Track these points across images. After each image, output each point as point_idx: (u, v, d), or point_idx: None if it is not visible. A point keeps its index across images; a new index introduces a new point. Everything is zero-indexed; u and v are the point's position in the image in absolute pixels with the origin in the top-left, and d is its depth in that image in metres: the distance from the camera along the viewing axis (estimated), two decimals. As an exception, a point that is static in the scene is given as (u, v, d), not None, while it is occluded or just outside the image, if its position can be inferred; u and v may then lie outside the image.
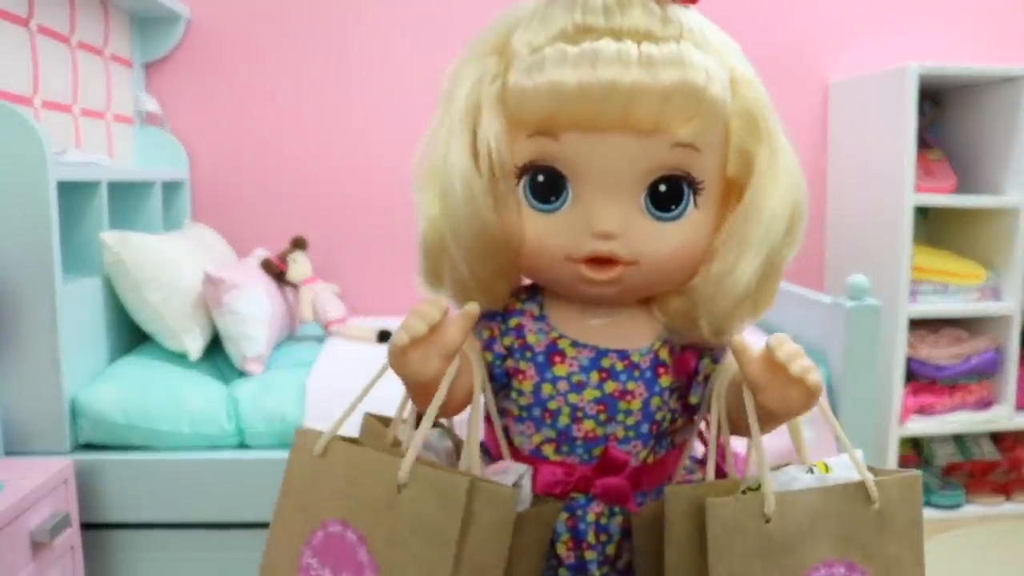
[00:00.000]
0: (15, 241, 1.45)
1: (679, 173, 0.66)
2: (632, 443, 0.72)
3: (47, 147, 1.45)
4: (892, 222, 2.13)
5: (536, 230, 0.68)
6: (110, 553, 1.56)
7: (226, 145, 2.30)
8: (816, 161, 2.48)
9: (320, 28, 2.29)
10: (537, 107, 0.64)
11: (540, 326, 0.73)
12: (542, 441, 0.73)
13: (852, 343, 1.66)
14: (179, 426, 1.56)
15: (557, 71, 0.62)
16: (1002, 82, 2.16)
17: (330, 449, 0.67)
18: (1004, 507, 2.18)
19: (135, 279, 1.68)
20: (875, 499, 0.66)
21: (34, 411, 1.50)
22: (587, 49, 0.62)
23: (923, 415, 2.19)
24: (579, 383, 0.71)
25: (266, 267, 1.96)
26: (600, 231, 0.66)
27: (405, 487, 0.61)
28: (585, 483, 0.72)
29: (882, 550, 0.66)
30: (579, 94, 0.62)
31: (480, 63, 0.69)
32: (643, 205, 0.67)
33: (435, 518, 0.60)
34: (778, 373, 0.63)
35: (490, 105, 0.67)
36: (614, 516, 0.73)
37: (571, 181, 0.67)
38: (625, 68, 0.61)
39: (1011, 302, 2.16)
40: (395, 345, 0.62)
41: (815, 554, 0.64)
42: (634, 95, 0.61)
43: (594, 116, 0.62)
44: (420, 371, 0.63)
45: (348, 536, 0.63)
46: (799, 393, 0.63)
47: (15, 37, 1.62)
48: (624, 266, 0.67)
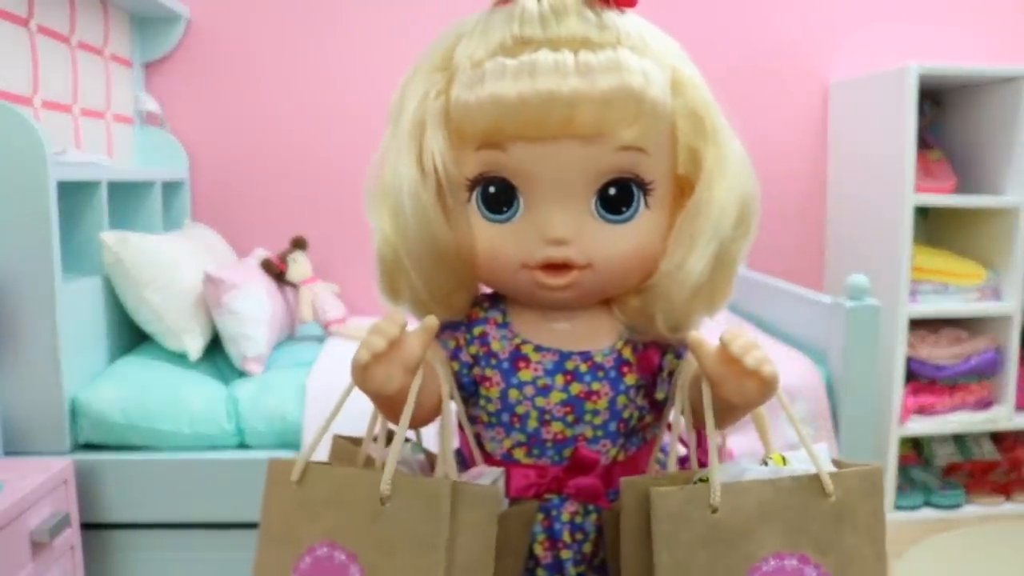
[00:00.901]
0: (15, 241, 1.45)
1: (627, 176, 0.68)
2: (601, 442, 0.73)
3: (47, 147, 1.45)
4: (892, 222, 2.13)
5: (489, 241, 0.69)
6: (110, 553, 1.56)
7: (226, 145, 2.30)
8: (816, 161, 2.48)
9: (320, 28, 2.29)
10: (480, 120, 0.65)
11: (504, 333, 0.74)
12: (512, 445, 0.74)
13: (852, 343, 1.66)
14: (179, 426, 1.56)
15: (497, 84, 0.63)
16: (1002, 82, 2.16)
17: (307, 474, 0.67)
18: (1004, 507, 2.18)
19: (135, 279, 1.68)
20: (830, 492, 0.65)
21: (34, 411, 1.50)
22: (525, 61, 0.63)
23: (923, 415, 2.19)
24: (545, 387, 0.72)
25: (266, 267, 1.96)
26: (552, 237, 0.67)
27: (389, 499, 0.62)
28: (558, 484, 0.73)
29: (839, 543, 0.65)
30: (520, 105, 0.63)
31: (426, 78, 0.70)
32: (594, 209, 0.68)
33: (422, 525, 0.61)
34: (734, 366, 0.64)
35: (434, 120, 0.68)
36: (588, 515, 0.74)
37: (521, 190, 0.68)
38: (563, 77, 0.62)
39: (1011, 302, 2.16)
40: (356, 363, 0.63)
41: (765, 546, 0.63)
42: (574, 102, 0.62)
43: (537, 126, 0.64)
44: (384, 386, 0.64)
45: (337, 556, 0.63)
46: (755, 385, 0.64)
47: (15, 37, 1.62)
48: (579, 270, 0.68)
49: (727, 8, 2.37)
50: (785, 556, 0.64)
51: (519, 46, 0.65)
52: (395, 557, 0.62)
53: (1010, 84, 2.13)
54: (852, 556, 0.65)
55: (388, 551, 0.62)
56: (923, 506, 2.18)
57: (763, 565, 0.63)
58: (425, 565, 0.61)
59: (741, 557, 0.63)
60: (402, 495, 0.62)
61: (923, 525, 2.10)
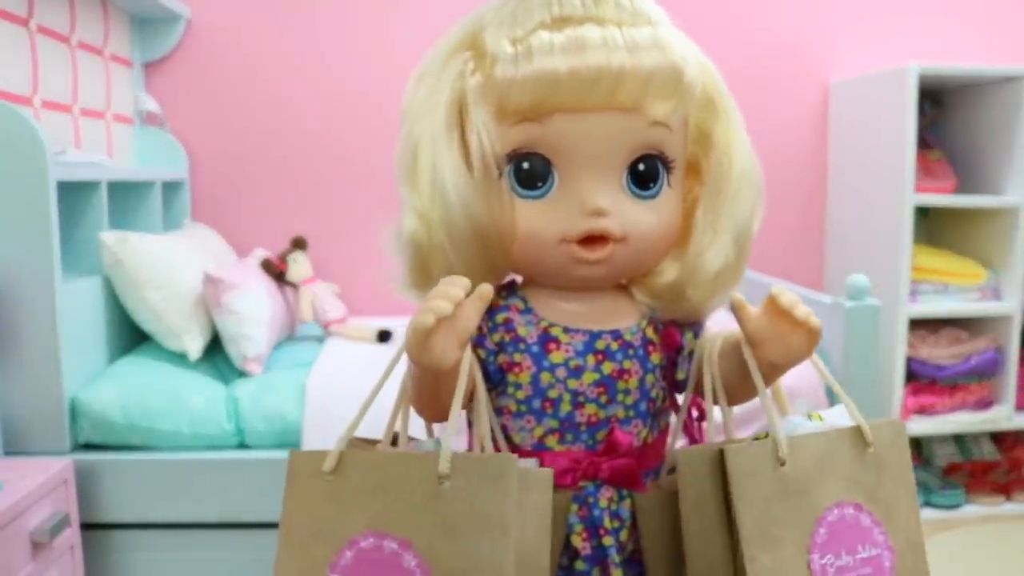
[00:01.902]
0: (15, 241, 1.45)
1: (654, 152, 0.70)
2: (633, 423, 0.74)
3: (47, 147, 1.44)
4: (892, 222, 2.13)
5: (529, 217, 0.69)
6: (110, 553, 1.56)
7: (226, 145, 2.30)
8: (816, 161, 2.48)
9: (320, 28, 2.29)
10: (527, 95, 0.65)
11: (528, 318, 0.74)
12: (544, 433, 0.73)
13: (852, 343, 1.66)
14: (179, 426, 1.56)
15: (547, 59, 0.64)
16: (1002, 82, 2.16)
17: (343, 463, 0.63)
18: (1004, 507, 2.18)
19: (135, 279, 1.68)
20: (871, 442, 0.70)
21: (34, 411, 1.50)
22: (573, 36, 0.64)
23: (923, 415, 2.19)
24: (577, 368, 0.72)
25: (266, 267, 1.96)
26: (594, 208, 0.68)
27: (447, 478, 0.60)
28: (594, 469, 0.72)
29: (882, 491, 0.69)
30: (570, 79, 0.64)
31: (453, 62, 0.70)
32: (624, 184, 0.70)
33: (487, 504, 0.59)
34: (780, 322, 0.67)
35: (475, 99, 0.68)
36: (623, 500, 0.73)
37: (556, 164, 0.68)
38: (612, 52, 0.64)
39: (1011, 302, 2.16)
40: (419, 329, 0.58)
41: (828, 496, 0.67)
42: (621, 77, 0.64)
43: (582, 98, 0.65)
44: (440, 358, 0.60)
45: (387, 544, 0.61)
46: (801, 338, 0.67)
47: (15, 37, 1.62)
48: (614, 244, 0.69)
49: (727, 8, 2.37)
50: (845, 505, 0.68)
51: (561, 23, 0.66)
52: (457, 539, 0.59)
53: (1010, 84, 2.13)
54: (893, 502, 0.70)
55: (448, 533, 0.59)
56: (923, 506, 2.18)
57: (828, 515, 0.67)
58: (493, 545, 0.59)
59: (809, 507, 0.66)
60: (463, 473, 0.60)
61: (923, 525, 2.09)
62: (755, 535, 0.64)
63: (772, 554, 0.64)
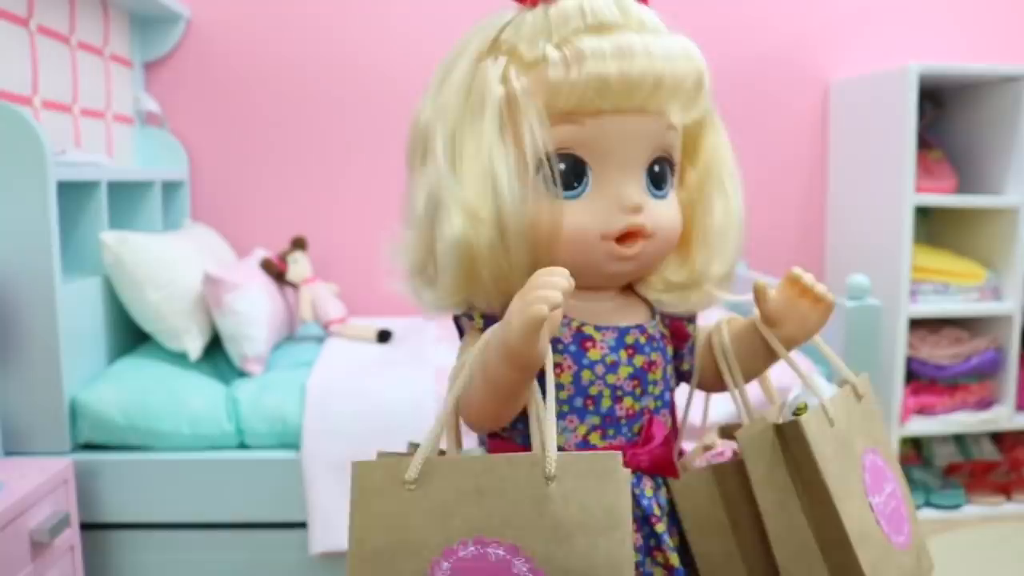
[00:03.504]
0: (15, 241, 1.45)
1: (666, 154, 0.74)
2: (662, 412, 0.78)
3: (47, 147, 1.44)
4: (892, 222, 2.13)
5: (571, 216, 0.71)
6: (110, 553, 1.56)
7: (226, 145, 2.30)
8: (816, 161, 2.48)
9: (320, 28, 2.29)
10: (575, 96, 0.68)
11: None
12: (588, 431, 0.75)
13: (852, 343, 1.66)
14: (179, 426, 1.56)
15: (599, 63, 0.67)
16: (1002, 82, 2.16)
17: (427, 471, 0.60)
18: (1005, 507, 2.17)
19: (135, 279, 1.68)
20: (862, 394, 0.82)
21: (34, 411, 1.50)
22: (622, 41, 0.68)
23: (923, 415, 2.19)
24: (613, 363, 0.75)
25: (266, 267, 1.96)
26: (633, 204, 0.71)
27: (553, 479, 0.58)
28: (635, 460, 0.75)
29: (878, 434, 0.82)
30: (619, 83, 0.67)
31: (486, 67, 0.71)
32: (644, 184, 0.74)
33: (600, 500, 0.59)
34: (800, 300, 0.78)
35: (525, 101, 0.69)
36: (659, 488, 0.77)
37: (591, 165, 0.71)
38: (654, 59, 0.68)
39: (1011, 302, 2.15)
40: (534, 319, 0.57)
41: (860, 445, 0.78)
42: (659, 82, 0.69)
43: (625, 102, 0.69)
44: (544, 352, 0.61)
45: (491, 552, 0.59)
46: (819, 313, 0.78)
47: (15, 37, 1.62)
48: (644, 239, 0.73)
49: (727, 8, 2.37)
50: (868, 451, 0.79)
51: (598, 29, 0.69)
52: (570, 540, 0.58)
53: (1010, 84, 2.13)
54: (885, 443, 0.83)
55: (560, 535, 0.58)
56: (923, 506, 2.17)
57: (865, 461, 0.78)
58: (609, 544, 0.58)
59: (855, 457, 0.77)
60: (568, 472, 0.59)
61: (923, 525, 2.08)
62: (839, 490, 0.72)
63: (853, 503, 0.73)
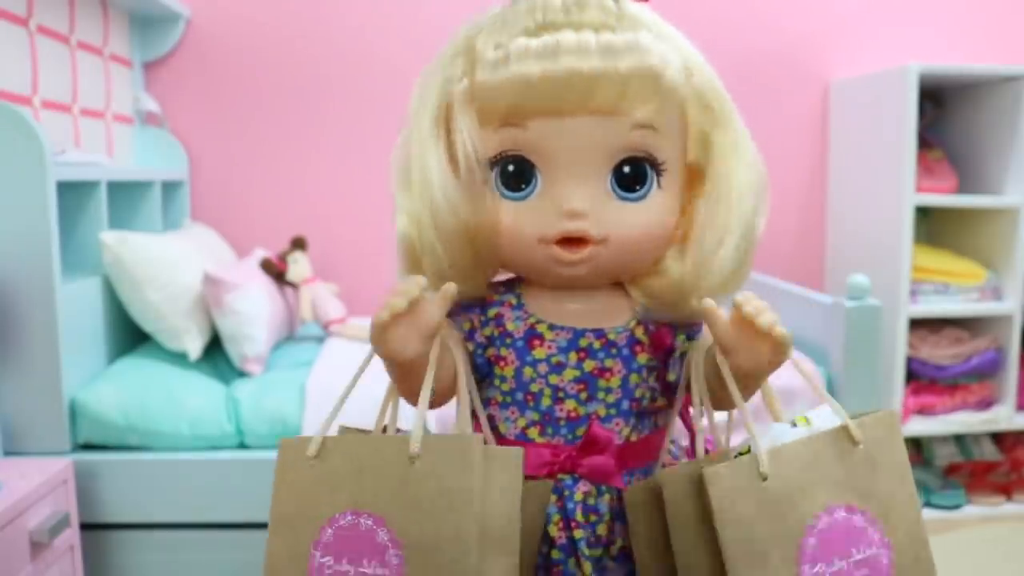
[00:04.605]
0: (15, 241, 1.45)
1: (641, 154, 0.70)
2: (614, 420, 0.75)
3: (47, 147, 1.44)
4: (892, 222, 2.12)
5: (511, 217, 0.71)
6: (109, 553, 1.56)
7: (226, 145, 2.30)
8: (816, 161, 2.48)
9: (320, 27, 2.29)
10: (504, 99, 0.68)
11: (519, 314, 0.77)
12: (527, 424, 0.75)
13: (852, 343, 1.66)
14: (179, 426, 1.56)
15: (522, 64, 0.67)
16: (1002, 82, 2.16)
17: (325, 448, 0.68)
18: (1005, 507, 2.17)
19: (135, 279, 1.68)
20: (859, 440, 0.68)
21: (34, 411, 1.50)
22: (548, 41, 0.66)
23: (924, 415, 2.19)
24: (558, 364, 0.74)
25: (266, 267, 1.96)
26: (569, 210, 0.69)
27: (418, 458, 0.63)
28: (571, 463, 0.74)
29: (876, 488, 0.68)
30: (543, 83, 0.66)
31: (445, 68, 0.73)
32: (609, 186, 0.71)
33: (454, 480, 0.63)
34: (747, 330, 0.66)
35: (460, 103, 0.71)
36: (602, 495, 0.75)
37: (539, 167, 0.70)
38: (585, 57, 0.66)
39: (1011, 302, 2.15)
40: (376, 323, 0.64)
41: (816, 502, 0.66)
42: (595, 81, 0.66)
43: (558, 103, 0.67)
44: (400, 350, 0.65)
45: (363, 522, 0.65)
46: (768, 347, 0.66)
47: (14, 37, 1.62)
48: (594, 245, 0.70)
49: (727, 8, 2.37)
50: (835, 508, 0.66)
51: (542, 29, 0.68)
52: (426, 515, 0.63)
53: (1010, 84, 2.13)
54: (890, 499, 0.68)
55: (418, 509, 0.63)
56: (924, 506, 2.17)
57: (818, 522, 0.66)
58: (459, 518, 0.62)
59: (797, 518, 0.65)
60: (431, 453, 0.64)
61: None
62: (740, 555, 0.64)
63: (759, 571, 0.63)
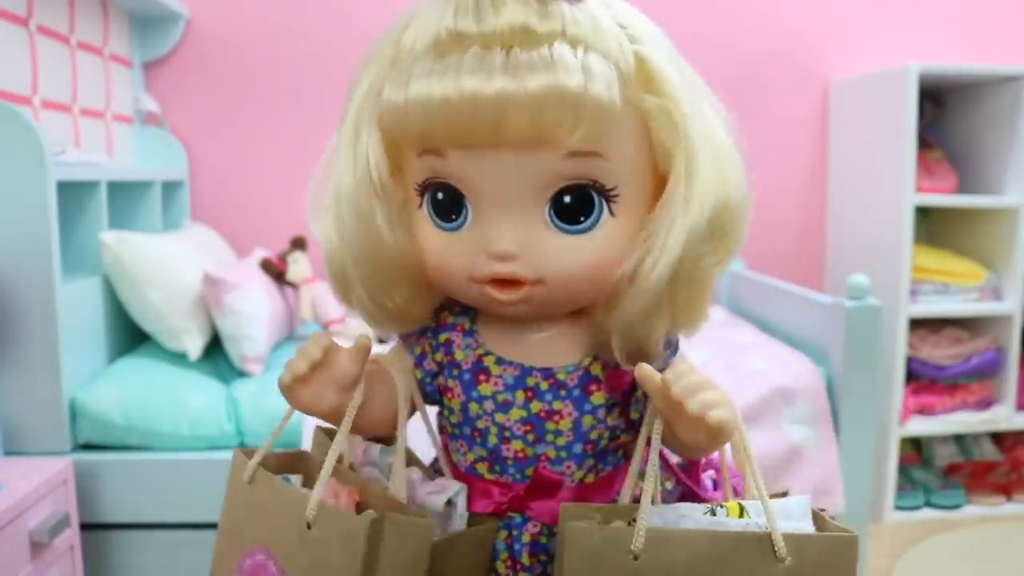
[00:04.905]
0: (15, 241, 1.45)
1: (584, 182, 0.60)
2: (565, 463, 0.68)
3: (47, 147, 1.44)
4: (892, 222, 2.13)
5: (437, 250, 0.64)
6: (109, 553, 1.56)
7: (226, 145, 2.30)
8: (816, 161, 2.48)
9: (320, 27, 2.29)
10: (411, 124, 0.59)
11: (469, 342, 0.70)
12: (475, 459, 0.70)
13: (852, 343, 1.66)
14: (179, 426, 1.56)
15: (422, 84, 0.57)
16: (1002, 82, 2.16)
17: (257, 477, 0.66)
18: (1005, 507, 2.18)
19: (135, 279, 1.68)
20: (783, 556, 0.56)
21: (34, 411, 1.50)
22: (451, 61, 0.56)
23: (924, 415, 2.19)
24: (505, 402, 0.67)
25: (266, 267, 1.96)
26: (495, 252, 0.61)
27: (314, 525, 0.60)
28: (519, 503, 0.69)
29: None
30: (444, 108, 0.56)
31: (370, 74, 0.64)
32: (548, 219, 0.61)
33: (339, 559, 0.59)
34: (679, 411, 0.57)
35: (369, 120, 0.63)
36: (552, 536, 0.69)
37: (468, 199, 0.62)
38: (488, 78, 0.55)
39: (1011, 302, 2.15)
40: (280, 384, 0.63)
41: None
42: (501, 105, 0.55)
43: (466, 131, 0.57)
44: (312, 405, 0.64)
45: (270, 567, 0.63)
46: (704, 432, 0.57)
47: (14, 37, 1.62)
48: (530, 285, 0.62)
49: (727, 8, 2.37)
50: None
51: (451, 42, 0.57)
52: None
53: (1010, 84, 2.13)
54: None
55: (311, 574, 0.61)
56: (923, 506, 2.18)
57: None
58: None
59: None
60: (324, 524, 0.60)
61: (923, 525, 2.10)
62: None
63: None
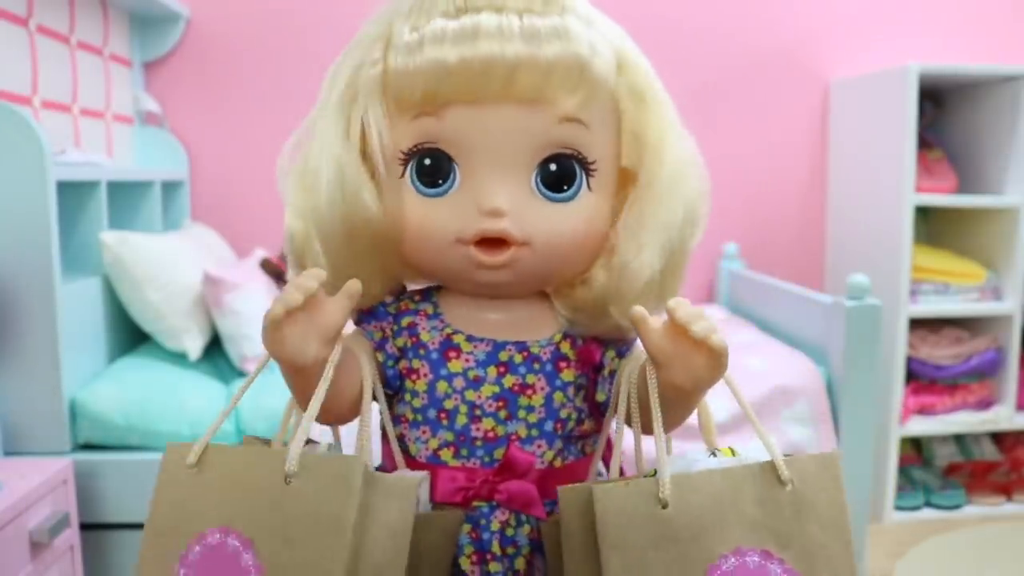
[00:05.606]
0: (15, 241, 1.45)
1: (569, 151, 0.64)
2: (536, 443, 0.68)
3: (47, 147, 1.44)
4: (892, 222, 2.13)
5: (421, 215, 0.65)
6: (109, 553, 1.56)
7: (226, 145, 2.30)
8: (816, 161, 2.48)
9: (320, 27, 2.29)
10: (419, 86, 0.62)
11: (434, 324, 0.70)
12: (439, 446, 0.68)
13: (852, 343, 1.66)
14: (178, 426, 1.56)
15: (437, 48, 0.61)
16: (1002, 82, 2.16)
17: (205, 458, 0.62)
18: (1005, 507, 2.18)
19: (135, 279, 1.68)
20: (787, 479, 0.60)
21: (34, 411, 1.50)
22: (467, 23, 0.61)
23: (924, 415, 2.19)
24: (476, 379, 0.68)
25: (266, 267, 1.96)
26: (489, 208, 0.63)
27: (295, 477, 0.57)
28: (488, 489, 0.67)
29: (802, 535, 0.60)
30: (461, 69, 0.60)
31: (363, 50, 0.67)
32: (534, 185, 0.65)
33: (328, 505, 0.56)
34: (681, 340, 0.59)
35: (369, 91, 0.65)
36: (521, 525, 0.68)
37: (458, 161, 0.64)
38: (507, 41, 0.60)
39: (1011, 302, 2.16)
40: (269, 318, 0.56)
41: (725, 542, 0.58)
42: (517, 67, 0.60)
43: (476, 89, 0.61)
44: (297, 352, 0.58)
45: (230, 543, 0.58)
46: (704, 359, 0.58)
47: (14, 37, 1.62)
48: (516, 248, 0.64)
49: (727, 8, 2.37)
50: (746, 552, 0.58)
51: (462, 11, 0.62)
52: (294, 541, 0.56)
53: (1010, 84, 2.13)
54: (817, 548, 0.60)
55: (287, 534, 0.57)
56: (923, 506, 2.18)
57: (723, 563, 0.58)
58: (330, 548, 0.55)
59: (698, 556, 0.57)
60: (309, 474, 0.57)
61: (923, 525, 2.10)
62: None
63: None
